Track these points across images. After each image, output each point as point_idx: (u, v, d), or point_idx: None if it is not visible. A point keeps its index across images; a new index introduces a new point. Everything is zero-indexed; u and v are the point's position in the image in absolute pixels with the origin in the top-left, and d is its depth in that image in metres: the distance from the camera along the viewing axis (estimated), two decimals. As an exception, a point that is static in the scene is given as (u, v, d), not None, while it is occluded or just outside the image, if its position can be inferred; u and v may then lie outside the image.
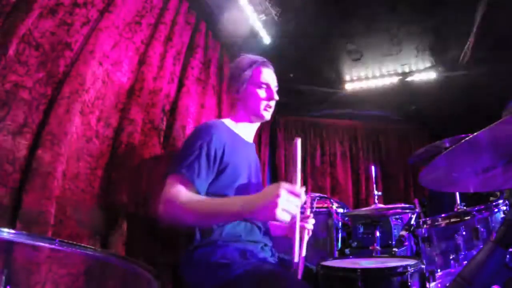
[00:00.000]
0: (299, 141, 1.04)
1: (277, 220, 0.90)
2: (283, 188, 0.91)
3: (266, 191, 0.96)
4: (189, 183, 1.15)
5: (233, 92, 1.46)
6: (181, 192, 1.13)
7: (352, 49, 3.34)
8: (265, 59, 1.49)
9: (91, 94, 1.39)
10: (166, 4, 1.92)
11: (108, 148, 1.47)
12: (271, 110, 1.45)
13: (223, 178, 1.26)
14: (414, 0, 2.67)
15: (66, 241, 0.54)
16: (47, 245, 0.54)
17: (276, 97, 1.45)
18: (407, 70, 3.74)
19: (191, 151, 1.21)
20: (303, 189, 0.97)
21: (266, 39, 2.86)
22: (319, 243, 2.47)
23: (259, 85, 1.42)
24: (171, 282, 1.55)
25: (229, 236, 1.22)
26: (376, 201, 2.04)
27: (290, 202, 0.91)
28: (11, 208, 1.06)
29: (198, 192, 1.16)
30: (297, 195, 0.93)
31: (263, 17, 2.72)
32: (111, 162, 1.46)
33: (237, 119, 1.46)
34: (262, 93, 1.42)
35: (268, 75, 1.45)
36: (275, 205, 0.89)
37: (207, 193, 1.22)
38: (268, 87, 1.43)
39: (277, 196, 0.90)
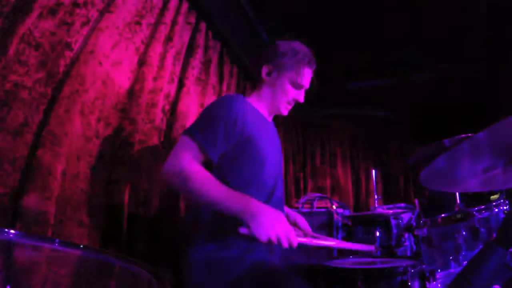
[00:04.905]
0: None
1: (262, 240, 0.97)
2: (288, 231, 0.99)
3: (273, 214, 1.01)
4: (202, 150, 1.14)
5: (264, 70, 1.38)
6: (192, 160, 1.11)
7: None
8: (312, 57, 1.40)
9: (91, 94, 1.39)
10: (166, 4, 1.91)
11: (108, 148, 1.47)
12: (290, 108, 1.42)
13: (243, 153, 1.22)
14: (414, 1, 2.67)
15: (66, 241, 0.54)
16: (47, 245, 0.54)
17: (302, 99, 1.40)
18: (407, 69, 3.74)
19: (210, 118, 1.19)
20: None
21: (266, 39, 2.86)
22: (319, 243, 2.46)
23: (295, 84, 1.35)
24: (171, 282, 1.55)
25: (232, 238, 1.18)
26: (376, 204, 2.03)
27: (282, 240, 0.98)
28: (11, 208, 1.06)
29: (210, 160, 1.15)
30: (290, 243, 0.99)
31: (263, 16, 2.72)
32: (111, 162, 1.46)
33: (260, 99, 1.40)
34: (292, 91, 1.36)
35: (308, 77, 1.38)
36: (271, 231, 0.97)
37: (227, 170, 1.20)
38: (301, 89, 1.38)
39: (278, 224, 0.99)
